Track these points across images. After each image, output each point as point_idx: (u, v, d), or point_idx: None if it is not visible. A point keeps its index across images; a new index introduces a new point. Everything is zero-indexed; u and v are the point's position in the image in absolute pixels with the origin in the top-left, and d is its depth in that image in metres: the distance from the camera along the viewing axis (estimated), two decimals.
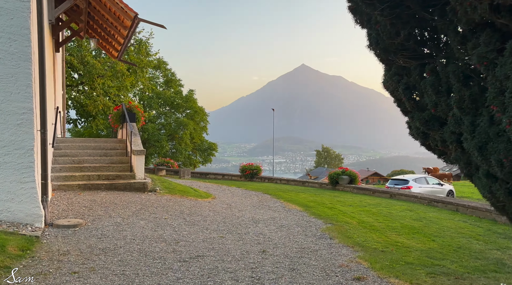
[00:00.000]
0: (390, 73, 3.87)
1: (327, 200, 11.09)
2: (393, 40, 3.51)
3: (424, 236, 6.93)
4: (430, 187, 19.99)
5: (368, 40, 3.84)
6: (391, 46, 3.59)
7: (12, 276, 3.91)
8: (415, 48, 3.59)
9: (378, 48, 3.71)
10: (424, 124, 3.66)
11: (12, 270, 4.04)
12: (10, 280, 3.83)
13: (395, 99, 4.06)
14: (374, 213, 8.99)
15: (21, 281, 3.86)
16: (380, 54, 3.78)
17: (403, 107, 4.05)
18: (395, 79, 3.80)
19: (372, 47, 3.80)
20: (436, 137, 3.68)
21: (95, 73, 20.21)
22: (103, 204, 7.75)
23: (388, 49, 3.64)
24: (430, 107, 3.50)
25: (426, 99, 3.50)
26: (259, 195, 11.88)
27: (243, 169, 18.61)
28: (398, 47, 3.57)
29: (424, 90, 3.45)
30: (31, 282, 3.85)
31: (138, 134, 10.71)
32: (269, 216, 8.12)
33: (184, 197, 9.60)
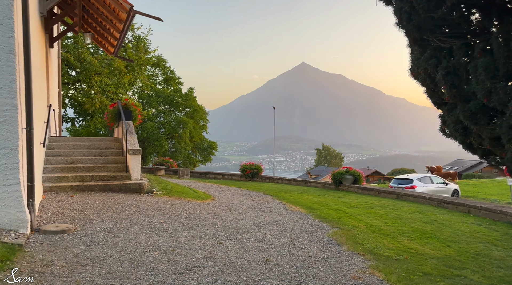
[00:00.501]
0: (424, 56, 3.32)
1: (331, 201, 10.65)
2: (432, 14, 2.99)
3: (438, 241, 6.48)
4: (435, 186, 19.55)
5: (397, 16, 3.31)
6: (427, 22, 3.07)
7: (12, 276, 3.87)
8: (459, 24, 3.07)
9: (410, 25, 3.17)
10: (469, 118, 3.12)
11: (12, 270, 4.01)
12: (10, 280, 3.79)
13: (427, 90, 3.54)
14: (382, 216, 8.54)
15: (21, 281, 3.81)
16: (413, 33, 3.25)
17: (436, 98, 3.53)
18: (431, 63, 3.25)
19: (402, 24, 3.28)
20: (483, 133, 3.17)
21: (92, 71, 19.75)
22: (96, 207, 7.30)
23: (424, 26, 3.12)
24: (481, 97, 2.95)
25: (474, 86, 2.96)
26: (260, 196, 11.43)
27: (243, 168, 18.16)
28: (438, 22, 3.06)
29: (473, 75, 2.93)
30: (31, 282, 3.81)
31: (134, 133, 10.26)
32: (272, 219, 7.67)
33: (182, 198, 9.15)
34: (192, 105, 36.15)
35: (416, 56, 3.52)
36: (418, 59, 3.46)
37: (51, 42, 12.48)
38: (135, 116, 11.33)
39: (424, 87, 3.56)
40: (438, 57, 3.23)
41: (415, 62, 3.51)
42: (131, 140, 9.84)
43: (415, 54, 3.54)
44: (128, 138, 9.86)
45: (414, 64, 3.57)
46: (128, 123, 10.67)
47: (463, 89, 3.12)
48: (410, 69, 3.64)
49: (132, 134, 10.14)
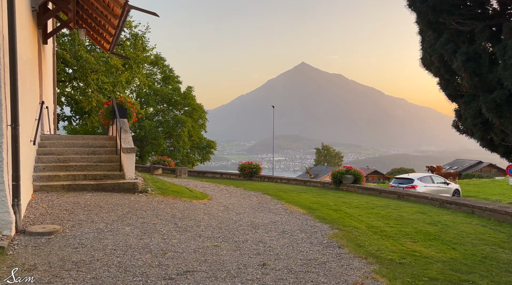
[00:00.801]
0: (440, 41, 3.00)
1: (331, 201, 10.38)
2: None
3: (443, 243, 6.21)
4: (435, 186, 19.31)
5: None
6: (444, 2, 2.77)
7: (12, 276, 3.83)
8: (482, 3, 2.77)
9: (424, 6, 2.87)
10: (493, 110, 2.81)
11: (12, 270, 3.98)
12: (10, 280, 3.76)
13: (440, 80, 3.23)
14: (383, 216, 8.27)
15: (21, 281, 3.76)
16: (427, 15, 2.94)
17: (451, 90, 3.22)
18: (448, 48, 2.93)
19: (415, 6, 2.98)
20: (508, 128, 2.86)
21: (89, 68, 19.45)
22: (87, 207, 7.02)
23: (440, 6, 2.82)
24: (510, 84, 2.63)
25: (500, 73, 2.63)
26: (258, 196, 11.17)
27: (242, 167, 17.90)
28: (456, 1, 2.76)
29: (501, 59, 2.61)
30: (31, 282, 3.76)
31: (129, 131, 9.99)
32: (270, 219, 7.40)
33: (177, 198, 8.88)
34: (190, 104, 35.86)
35: (430, 43, 3.18)
36: (431, 46, 3.12)
37: (45, 38, 12.20)
38: (130, 114, 11.05)
39: (437, 77, 3.24)
40: (456, 42, 2.91)
41: (428, 50, 3.18)
42: (125, 138, 9.57)
43: (428, 40, 3.20)
44: (122, 136, 9.59)
45: (426, 52, 3.24)
46: (123, 121, 10.39)
47: (486, 77, 2.78)
48: (421, 58, 3.31)
49: (126, 133, 9.87)
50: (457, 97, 3.29)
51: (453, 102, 3.38)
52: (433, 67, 3.20)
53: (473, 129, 3.19)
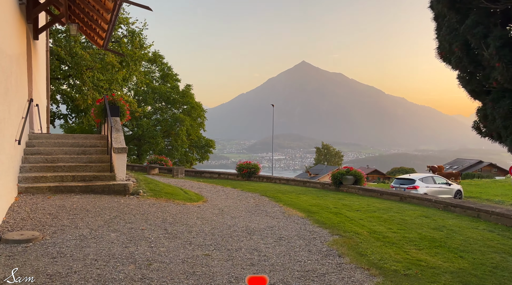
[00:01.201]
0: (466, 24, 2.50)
1: (331, 203, 10.00)
2: None
3: (449, 251, 5.83)
4: (437, 186, 18.93)
5: None
6: None
7: (12, 276, 3.82)
8: None
9: None
10: None
11: (12, 270, 3.96)
12: (10, 280, 3.75)
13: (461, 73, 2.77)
14: (386, 220, 7.89)
15: (21, 281, 3.75)
16: None
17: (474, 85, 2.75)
18: (477, 32, 2.43)
19: None
20: None
21: (84, 65, 19.04)
22: (73, 211, 6.64)
23: None
24: None
25: None
26: (256, 197, 10.78)
27: (240, 167, 17.51)
28: None
29: None
30: (31, 282, 3.75)
31: (120, 130, 9.59)
32: (266, 224, 7.01)
33: (170, 200, 8.49)
34: (189, 102, 35.46)
35: (450, 28, 2.69)
36: (452, 32, 2.64)
37: (35, 34, 11.80)
38: (123, 113, 10.66)
39: (457, 70, 2.78)
40: (487, 24, 2.43)
41: (447, 37, 2.69)
42: (116, 137, 9.18)
43: (448, 25, 2.71)
44: (114, 135, 9.20)
45: (444, 40, 2.75)
46: (115, 119, 10.00)
47: None
48: (438, 48, 2.85)
49: (118, 132, 9.47)
50: (482, 93, 2.82)
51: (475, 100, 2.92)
52: (453, 58, 2.73)
53: (503, 132, 2.72)
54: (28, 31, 10.43)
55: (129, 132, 34.72)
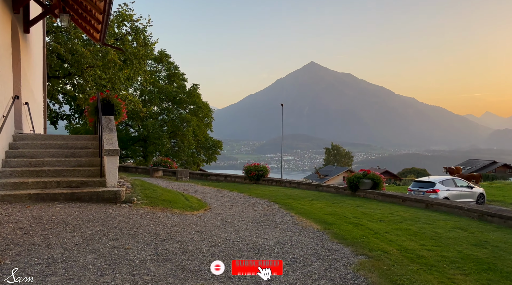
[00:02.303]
0: None
1: (349, 211, 8.90)
2: None
3: (503, 277, 4.72)
4: (459, 190, 17.69)
5: None
6: None
7: (12, 276, 3.77)
8: None
9: None
10: None
11: (12, 270, 3.89)
12: (10, 280, 3.69)
13: None
14: (416, 234, 6.77)
15: (21, 281, 3.68)
16: None
17: None
18: None
19: None
20: None
21: (84, 63, 18.20)
22: (49, 224, 5.66)
23: None
24: None
25: None
26: (264, 204, 9.73)
27: (247, 170, 16.47)
28: None
29: None
30: (31, 282, 3.70)
31: (114, 130, 8.62)
32: (277, 240, 5.95)
33: (167, 209, 7.48)
34: (196, 102, 34.60)
35: None
36: None
37: (26, 26, 10.92)
38: (118, 111, 9.69)
39: None
40: None
41: None
42: (109, 138, 8.20)
43: None
44: (105, 136, 8.23)
45: None
46: (108, 118, 9.04)
47: None
48: None
49: (111, 132, 8.50)
50: None
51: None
52: None
53: None
54: (15, 22, 9.53)
55: (134, 133, 33.96)
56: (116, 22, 22.18)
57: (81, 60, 18.09)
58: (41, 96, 14.45)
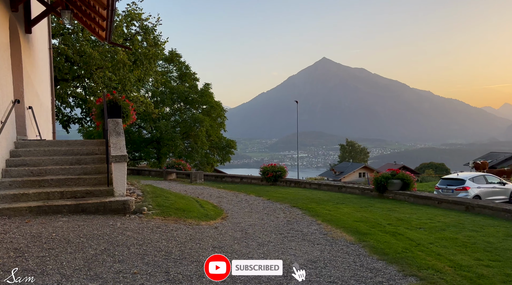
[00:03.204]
0: None
1: (381, 217, 8.03)
2: None
3: None
4: (490, 187, 16.60)
5: None
6: None
7: (12, 276, 3.77)
8: None
9: None
10: None
11: (12, 270, 3.88)
12: (10, 280, 3.69)
13: None
14: (465, 245, 5.88)
15: (21, 281, 3.69)
16: None
17: None
18: None
19: None
20: None
21: (93, 65, 17.69)
22: (49, 243, 4.99)
23: None
24: None
25: None
26: (286, 210, 8.94)
27: (264, 170, 15.70)
28: None
29: None
30: (31, 282, 3.70)
31: (122, 134, 7.95)
32: (306, 256, 5.16)
33: (181, 220, 6.76)
34: (208, 101, 33.98)
35: None
36: None
37: (27, 27, 10.35)
38: (127, 113, 9.02)
39: None
40: None
41: None
42: (116, 143, 7.53)
43: None
44: (113, 140, 7.56)
45: None
46: (115, 121, 8.37)
47: None
48: None
49: (118, 136, 7.83)
50: None
51: None
52: None
53: None
54: (14, 21, 8.94)
55: (147, 135, 33.55)
56: (125, 22, 21.66)
57: (89, 62, 17.59)
58: (49, 100, 13.95)
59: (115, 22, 20.68)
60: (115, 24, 20.50)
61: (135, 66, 22.01)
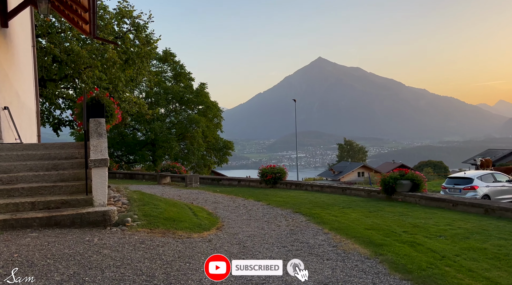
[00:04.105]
0: None
1: (394, 223, 7.23)
2: None
3: None
4: (499, 185, 15.88)
5: None
6: None
7: (12, 276, 3.71)
8: None
9: None
10: None
11: (12, 270, 3.82)
12: (10, 280, 3.64)
13: None
14: (497, 257, 5.09)
15: (21, 281, 3.63)
16: None
17: None
18: None
19: None
20: None
21: (81, 64, 16.84)
22: (7, 267, 4.15)
23: None
24: None
25: None
26: (288, 216, 8.14)
27: (263, 172, 14.88)
28: None
29: None
30: (31, 282, 3.65)
31: (104, 135, 7.12)
32: (315, 277, 4.35)
33: (169, 232, 5.93)
34: (204, 102, 33.14)
35: None
36: None
37: (3, 20, 9.50)
38: (111, 113, 8.18)
39: None
40: None
41: None
42: (97, 145, 6.70)
43: None
44: (93, 142, 6.72)
45: None
46: (98, 121, 7.54)
47: None
48: None
49: (100, 137, 7.00)
50: None
51: None
52: None
53: None
54: None
55: (142, 137, 32.68)
56: (116, 20, 20.82)
57: (77, 60, 16.75)
58: (33, 101, 13.10)
59: (105, 20, 19.84)
60: (105, 22, 19.65)
61: (127, 66, 21.19)
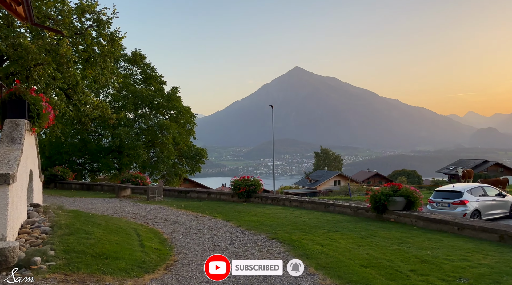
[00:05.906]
0: None
1: (395, 255, 5.72)
2: None
3: None
4: (490, 199, 14.79)
5: None
6: None
7: (12, 276, 3.70)
8: None
9: None
10: None
11: (12, 270, 3.80)
12: (10, 280, 3.63)
13: None
14: None
15: (21, 281, 3.60)
16: None
17: None
18: None
19: None
20: None
21: (31, 60, 14.75)
22: None
23: None
24: None
25: None
26: (261, 245, 6.50)
27: (236, 185, 13.19)
28: None
29: None
30: (31, 282, 3.64)
31: (18, 142, 5.30)
32: None
33: (92, 279, 4.18)
34: (176, 106, 31.14)
35: None
36: None
37: None
38: (38, 112, 6.37)
39: None
40: None
41: None
42: (4, 155, 4.89)
43: None
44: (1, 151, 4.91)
45: None
46: (15, 122, 5.72)
47: None
48: None
49: (13, 144, 5.20)
50: None
51: None
52: None
53: None
54: None
55: (106, 144, 30.36)
56: (75, 14, 18.81)
57: (26, 56, 14.65)
58: None
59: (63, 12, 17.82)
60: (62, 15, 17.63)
61: (88, 65, 19.16)
